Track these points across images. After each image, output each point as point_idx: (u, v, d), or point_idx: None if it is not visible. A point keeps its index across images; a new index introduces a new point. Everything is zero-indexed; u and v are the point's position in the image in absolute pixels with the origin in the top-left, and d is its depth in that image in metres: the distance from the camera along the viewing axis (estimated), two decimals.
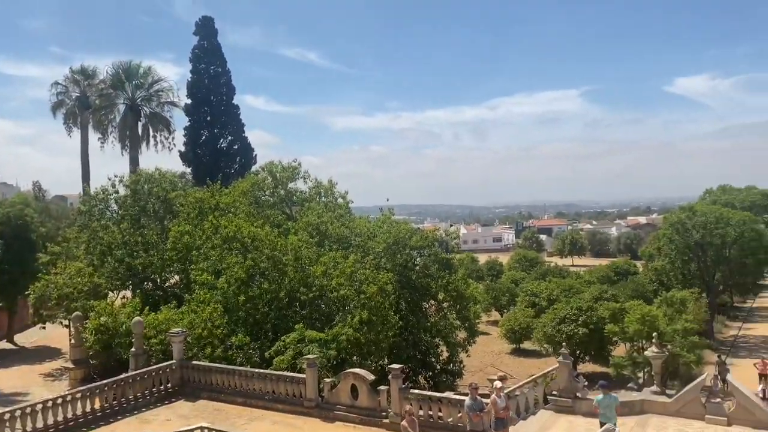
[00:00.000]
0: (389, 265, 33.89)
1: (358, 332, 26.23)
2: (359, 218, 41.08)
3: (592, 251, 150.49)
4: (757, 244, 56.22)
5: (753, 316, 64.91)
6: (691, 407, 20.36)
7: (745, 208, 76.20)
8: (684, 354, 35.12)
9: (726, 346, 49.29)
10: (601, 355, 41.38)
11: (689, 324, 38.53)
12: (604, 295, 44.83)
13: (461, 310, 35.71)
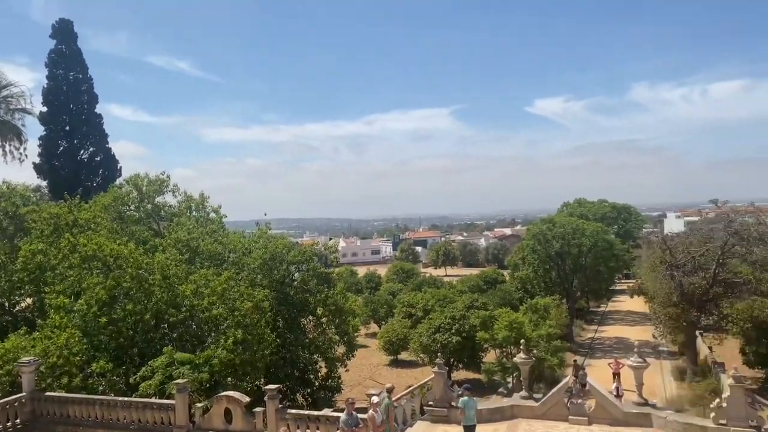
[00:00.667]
0: (266, 282, 33.07)
1: (233, 353, 25.24)
2: (234, 233, 39.80)
3: (463, 261, 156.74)
4: (608, 253, 61.35)
5: (606, 319, 70.61)
6: (556, 409, 21.58)
7: (597, 219, 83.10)
8: (548, 358, 37.31)
9: (584, 348, 53.10)
10: (473, 362, 42.95)
11: (552, 329, 41.06)
12: (475, 304, 46.64)
13: (340, 324, 35.58)
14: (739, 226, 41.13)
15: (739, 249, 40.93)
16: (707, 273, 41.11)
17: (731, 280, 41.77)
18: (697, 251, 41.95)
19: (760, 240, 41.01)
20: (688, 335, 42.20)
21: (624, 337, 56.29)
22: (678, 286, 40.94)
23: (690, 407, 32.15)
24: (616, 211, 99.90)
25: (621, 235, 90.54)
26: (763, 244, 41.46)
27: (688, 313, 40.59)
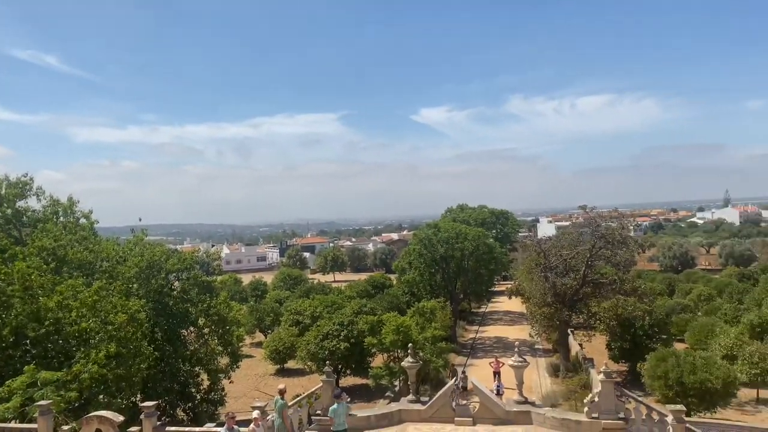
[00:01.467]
0: (142, 292, 31.14)
1: (105, 368, 23.40)
2: (107, 240, 37.16)
3: (352, 267, 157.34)
4: (488, 257, 63.99)
5: (487, 320, 73.56)
6: (443, 411, 21.95)
7: (478, 224, 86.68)
8: (433, 360, 38.10)
9: (466, 349, 54.87)
10: (361, 367, 42.96)
11: (437, 331, 42.04)
12: (363, 309, 46.72)
13: (223, 334, 34.23)
14: (605, 231, 44.19)
15: (605, 251, 43.97)
16: (577, 274, 43.85)
17: (598, 281, 44.86)
18: (568, 254, 44.63)
19: (623, 243, 44.37)
20: (561, 333, 44.77)
21: (503, 337, 58.79)
22: (552, 287, 43.36)
23: (563, 401, 34.10)
24: (495, 216, 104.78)
25: (499, 239, 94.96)
26: (626, 246, 44.92)
27: (561, 312, 43.09)
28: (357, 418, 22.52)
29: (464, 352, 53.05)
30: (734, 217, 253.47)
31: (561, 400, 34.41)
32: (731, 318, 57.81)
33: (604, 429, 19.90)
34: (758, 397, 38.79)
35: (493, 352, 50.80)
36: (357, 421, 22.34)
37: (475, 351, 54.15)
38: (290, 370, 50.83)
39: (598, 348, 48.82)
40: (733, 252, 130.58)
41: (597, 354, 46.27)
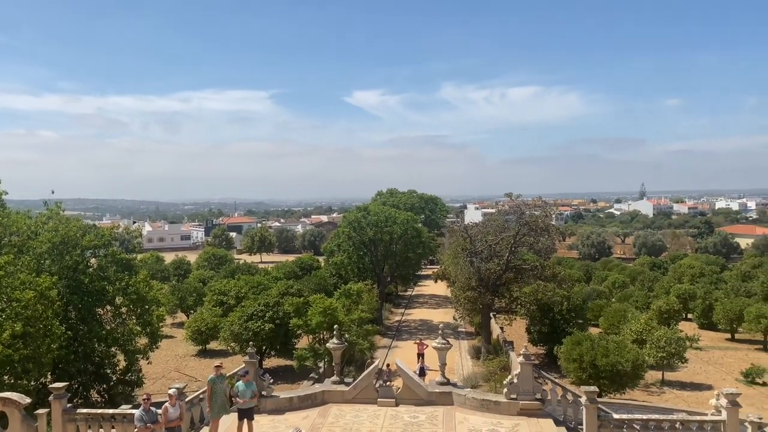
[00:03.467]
0: (55, 268, 29.51)
1: (10, 348, 22.08)
2: (17, 213, 34.92)
3: (280, 248, 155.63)
4: (416, 241, 64.75)
5: (413, 303, 74.58)
6: (366, 393, 22.03)
7: (407, 208, 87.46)
8: (359, 342, 38.23)
9: (392, 331, 55.47)
10: (286, 348, 42.61)
11: (364, 313, 42.18)
12: (290, 290, 46.25)
13: (142, 314, 32.98)
14: (529, 218, 45.47)
15: (528, 238, 45.28)
16: (501, 260, 44.97)
17: (521, 267, 46.21)
18: (493, 240, 45.68)
19: (545, 231, 45.82)
20: (483, 317, 45.92)
21: (428, 320, 59.76)
22: (476, 272, 44.32)
23: (484, 383, 35.02)
24: (424, 202, 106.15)
25: (428, 223, 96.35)
26: (548, 234, 46.41)
27: (485, 296, 44.15)
28: (279, 399, 22.29)
29: (390, 334, 53.60)
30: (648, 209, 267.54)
31: (481, 382, 35.34)
32: (642, 304, 61.10)
33: (521, 409, 20.55)
34: (663, 378, 41.23)
35: (417, 334, 51.57)
36: (279, 402, 22.11)
37: (401, 333, 54.81)
38: (213, 351, 49.80)
39: (519, 331, 50.49)
40: (647, 242, 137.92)
41: (517, 337, 47.87)
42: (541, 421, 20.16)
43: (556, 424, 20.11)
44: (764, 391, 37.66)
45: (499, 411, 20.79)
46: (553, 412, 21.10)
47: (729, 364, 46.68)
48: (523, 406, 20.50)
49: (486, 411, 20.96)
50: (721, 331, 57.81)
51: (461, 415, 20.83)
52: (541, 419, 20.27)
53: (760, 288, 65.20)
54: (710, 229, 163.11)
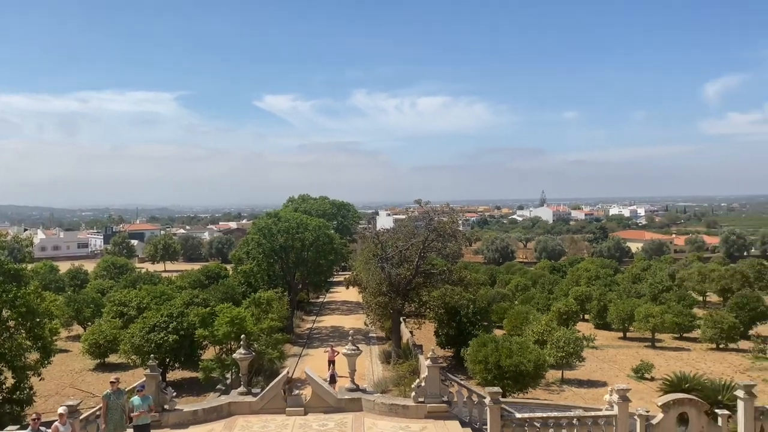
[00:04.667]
0: None
1: None
2: None
3: (185, 256, 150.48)
4: (328, 247, 64.49)
5: (324, 310, 74.18)
6: (274, 403, 21.66)
7: (319, 215, 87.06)
8: (268, 351, 37.55)
9: (303, 339, 54.89)
10: (191, 360, 41.12)
11: (274, 322, 41.47)
12: (195, 300, 44.73)
13: (33, 327, 30.81)
14: (437, 224, 46.48)
15: (437, 244, 46.26)
16: (411, 265, 45.68)
17: (429, 271, 47.12)
18: (403, 245, 46.35)
19: (453, 236, 47.01)
20: (394, 321, 46.42)
21: (340, 326, 59.64)
22: (387, 277, 44.77)
23: (393, 387, 35.35)
24: (336, 208, 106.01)
25: (340, 230, 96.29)
26: (455, 240, 47.66)
27: (395, 301, 44.66)
28: (183, 413, 21.49)
29: (301, 343, 53.02)
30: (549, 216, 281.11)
31: (391, 386, 35.65)
32: (543, 306, 63.94)
33: (429, 412, 20.92)
34: (563, 377, 43.28)
35: (329, 341, 51.32)
36: (183, 416, 21.32)
37: (312, 341, 54.35)
38: (112, 365, 47.25)
39: (428, 335, 51.42)
40: (547, 247, 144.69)
41: (426, 341, 48.71)
42: (447, 423, 20.60)
43: (462, 426, 20.62)
44: (653, 386, 40.27)
45: (407, 415, 21.05)
46: (459, 413, 21.62)
47: (622, 361, 49.68)
48: (431, 409, 20.88)
49: (395, 415, 21.16)
50: (615, 330, 61.51)
51: (370, 421, 20.93)
52: (447, 421, 20.72)
53: (648, 289, 70.02)
54: (604, 234, 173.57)
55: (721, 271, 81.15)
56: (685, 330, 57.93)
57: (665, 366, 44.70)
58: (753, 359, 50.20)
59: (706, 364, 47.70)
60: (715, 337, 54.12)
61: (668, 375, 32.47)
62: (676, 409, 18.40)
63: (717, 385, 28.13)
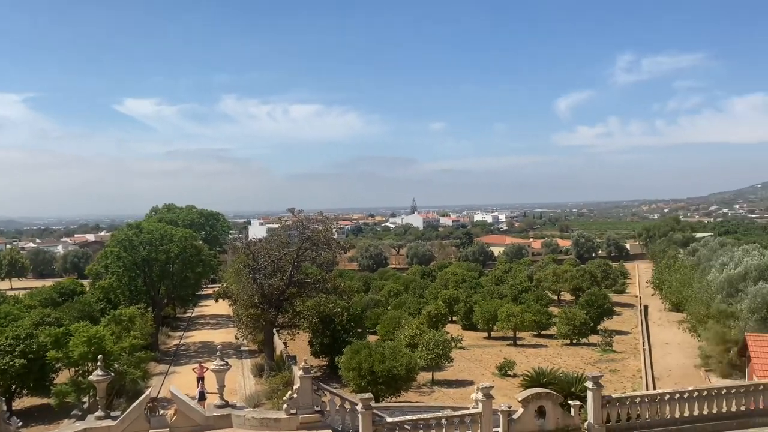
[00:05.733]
0: None
1: None
2: None
3: (35, 272, 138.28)
4: (196, 259, 61.90)
5: (193, 324, 71.16)
6: (136, 425, 20.34)
7: (186, 225, 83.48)
8: (130, 371, 35.31)
9: (169, 356, 52.23)
10: (42, 385, 37.62)
11: (137, 340, 39.06)
12: (46, 320, 41.21)
13: None
14: (311, 233, 46.34)
15: (311, 252, 46.11)
16: (284, 275, 45.11)
17: (304, 281, 46.81)
18: (276, 255, 45.66)
19: (327, 245, 47.10)
20: (266, 333, 45.52)
21: (209, 341, 57.47)
22: (259, 288, 43.85)
23: (267, 401, 34.66)
24: (205, 218, 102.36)
25: (209, 240, 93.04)
26: (329, 248, 47.78)
27: (268, 312, 43.84)
28: None
29: (167, 360, 50.44)
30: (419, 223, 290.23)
31: (264, 400, 34.92)
32: (414, 310, 65.85)
33: (301, 423, 20.69)
34: (433, 378, 44.74)
35: (197, 357, 49.32)
36: None
37: (179, 358, 51.92)
38: None
39: (302, 345, 50.99)
40: (418, 252, 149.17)
41: (301, 351, 48.29)
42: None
43: None
44: (515, 382, 42.71)
45: (279, 428, 20.69)
46: (332, 422, 21.59)
47: (487, 360, 52.31)
48: (303, 420, 20.66)
49: (266, 429, 20.70)
50: (480, 330, 64.70)
51: None
52: (321, 431, 20.61)
53: (509, 290, 74.39)
54: (470, 239, 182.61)
55: (573, 271, 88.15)
56: (543, 327, 62.14)
57: (526, 362, 47.64)
58: (601, 352, 54.96)
59: (562, 359, 51.48)
60: (569, 333, 58.62)
61: (528, 371, 34.49)
62: (535, 403, 19.64)
63: (570, 378, 30.29)
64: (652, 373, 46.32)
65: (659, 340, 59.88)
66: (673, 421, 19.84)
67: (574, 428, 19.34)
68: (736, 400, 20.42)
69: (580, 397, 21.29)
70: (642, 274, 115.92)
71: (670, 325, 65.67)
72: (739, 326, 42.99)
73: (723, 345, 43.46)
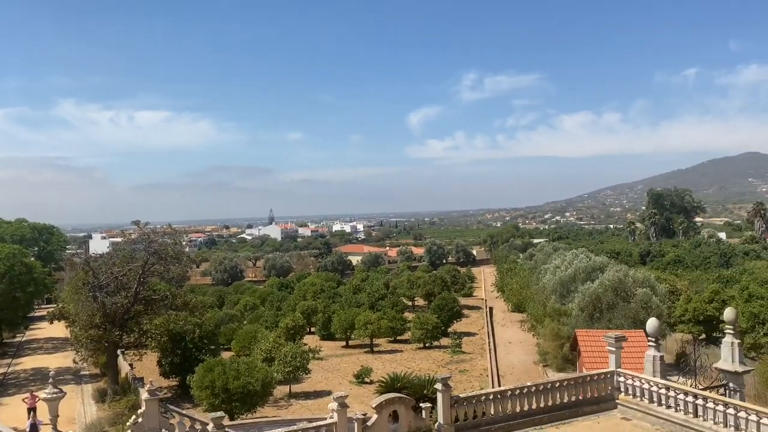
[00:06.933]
0: None
1: None
2: None
3: None
4: (26, 278, 56.30)
5: (23, 350, 64.29)
6: None
7: (15, 241, 75.68)
8: None
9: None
10: None
11: None
12: None
13: None
14: (159, 246, 43.97)
15: (159, 267, 43.75)
16: (129, 292, 42.37)
17: (151, 297, 44.27)
18: (119, 271, 42.76)
19: (176, 258, 44.95)
20: (110, 355, 42.36)
21: (43, 367, 52.23)
22: (101, 307, 40.76)
23: (110, 427, 32.26)
24: (37, 232, 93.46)
25: (42, 257, 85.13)
26: (179, 262, 45.63)
27: (111, 333, 40.83)
28: None
29: None
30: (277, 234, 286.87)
31: (107, 427, 32.48)
32: (271, 323, 64.83)
33: None
34: (291, 391, 44.26)
35: (29, 386, 44.60)
36: None
37: (7, 387, 46.67)
38: None
39: (150, 366, 48.09)
40: (275, 264, 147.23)
41: (149, 372, 45.49)
42: None
43: None
44: (372, 389, 43.54)
45: None
46: None
47: (345, 368, 52.76)
48: None
49: None
50: (339, 339, 65.18)
51: None
52: None
53: (366, 298, 75.83)
54: (329, 249, 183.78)
55: (426, 277, 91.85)
56: (398, 333, 63.99)
57: (382, 368, 48.74)
58: (451, 353, 57.72)
59: (416, 363, 53.36)
60: (422, 337, 60.89)
61: (384, 377, 35.49)
62: (388, 408, 20.12)
63: (423, 381, 31.63)
64: (497, 371, 49.48)
65: (503, 340, 64.15)
66: (514, 416, 21.29)
67: (426, 430, 20.07)
68: (568, 392, 22.36)
69: (432, 399, 22.20)
70: (487, 278, 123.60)
71: (513, 325, 70.67)
72: (571, 323, 47.33)
73: (557, 341, 47.62)
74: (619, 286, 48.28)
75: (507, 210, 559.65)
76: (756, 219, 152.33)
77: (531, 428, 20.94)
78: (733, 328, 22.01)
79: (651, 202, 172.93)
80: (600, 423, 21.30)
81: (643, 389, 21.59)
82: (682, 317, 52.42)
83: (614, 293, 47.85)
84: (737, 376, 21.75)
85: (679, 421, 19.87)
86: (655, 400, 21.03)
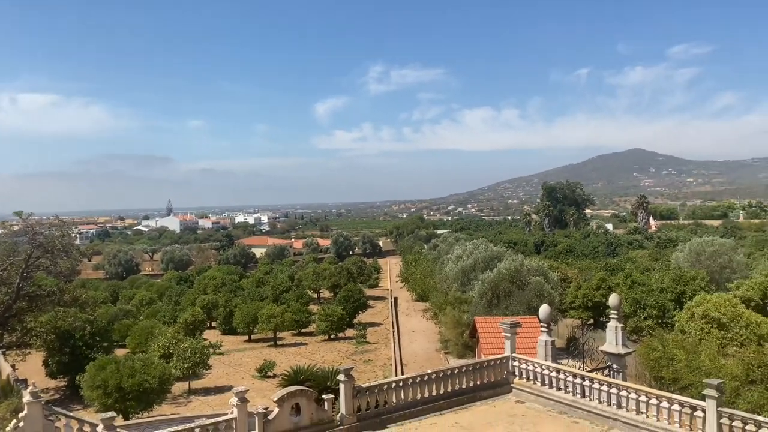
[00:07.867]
0: None
1: None
2: None
3: None
4: None
5: None
6: None
7: None
8: None
9: None
10: None
11: None
12: None
13: None
14: (45, 239, 41.23)
15: (45, 261, 41.09)
16: (11, 288, 39.49)
17: (36, 294, 41.47)
18: (0, 266, 39.71)
19: (65, 252, 42.29)
20: None
21: None
22: None
23: None
24: None
25: None
26: (67, 255, 42.96)
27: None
28: None
29: None
30: (176, 225, 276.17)
31: None
32: (170, 318, 62.45)
33: None
34: (190, 388, 42.89)
35: None
36: None
37: None
38: None
39: (35, 367, 44.99)
40: (174, 257, 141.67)
41: (34, 373, 42.45)
42: None
43: None
44: (275, 383, 43.04)
45: None
46: None
47: (247, 363, 51.77)
48: None
49: None
50: (241, 334, 63.82)
51: None
52: None
53: (270, 291, 74.70)
54: (231, 241, 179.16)
55: (332, 269, 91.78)
56: (303, 326, 63.56)
57: (286, 362, 48.25)
58: (356, 344, 58.10)
59: (321, 355, 53.27)
60: (327, 328, 60.82)
61: (287, 370, 35.10)
62: (290, 401, 19.92)
63: (326, 373, 31.60)
64: (401, 360, 50.34)
65: (407, 329, 65.33)
66: (416, 403, 21.73)
67: (328, 421, 20.07)
68: (467, 378, 23.10)
69: (335, 390, 22.20)
70: (393, 268, 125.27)
71: (416, 314, 72.09)
72: (471, 311, 48.93)
73: (458, 329, 49.07)
74: (515, 275, 50.45)
75: (413, 201, 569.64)
76: (639, 211, 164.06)
77: (431, 414, 21.45)
78: (617, 313, 23.56)
79: (545, 194, 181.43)
80: (496, 407, 22.15)
81: (536, 373, 22.68)
82: (573, 303, 55.49)
83: (511, 281, 49.95)
84: (620, 358, 23.34)
85: (568, 401, 21.06)
86: (546, 382, 22.15)
